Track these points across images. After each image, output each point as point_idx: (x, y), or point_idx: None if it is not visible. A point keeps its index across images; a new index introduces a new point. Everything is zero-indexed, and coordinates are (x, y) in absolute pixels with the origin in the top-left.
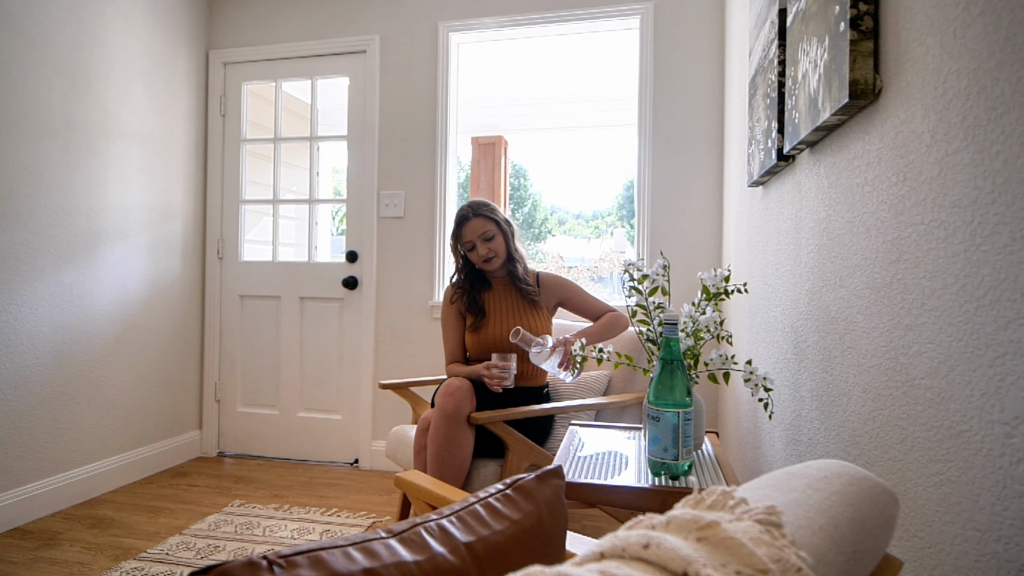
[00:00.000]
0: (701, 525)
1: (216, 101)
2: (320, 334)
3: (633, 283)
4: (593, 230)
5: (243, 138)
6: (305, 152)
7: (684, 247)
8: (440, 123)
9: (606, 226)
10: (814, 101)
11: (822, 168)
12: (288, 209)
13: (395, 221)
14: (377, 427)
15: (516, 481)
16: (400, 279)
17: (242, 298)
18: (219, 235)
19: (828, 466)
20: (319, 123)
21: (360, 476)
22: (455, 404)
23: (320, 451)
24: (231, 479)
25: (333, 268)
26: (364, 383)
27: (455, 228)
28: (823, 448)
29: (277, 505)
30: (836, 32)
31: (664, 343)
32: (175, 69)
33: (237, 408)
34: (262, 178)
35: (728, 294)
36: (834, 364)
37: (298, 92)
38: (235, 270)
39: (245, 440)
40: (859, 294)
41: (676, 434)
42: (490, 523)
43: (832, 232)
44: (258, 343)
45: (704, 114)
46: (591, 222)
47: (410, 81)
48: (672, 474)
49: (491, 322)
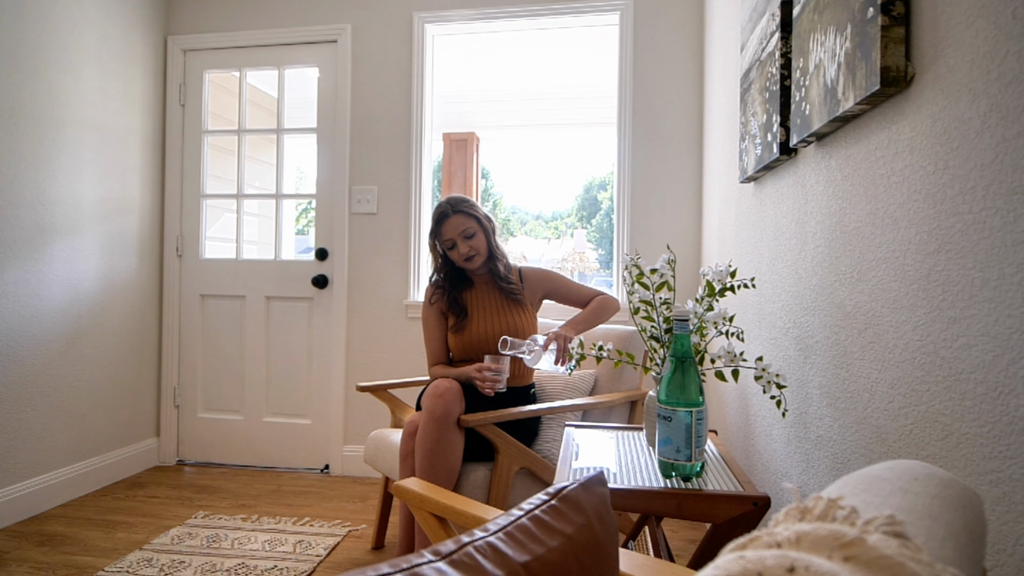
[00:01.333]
0: (845, 542)
1: (175, 90)
2: (288, 335)
3: (642, 278)
4: (553, 231)
5: (204, 129)
6: (269, 147)
7: (663, 244)
8: (415, 116)
9: (566, 227)
10: (831, 91)
11: (833, 161)
12: (250, 206)
13: (368, 217)
14: (349, 432)
15: (561, 491)
16: (373, 277)
17: (203, 298)
18: (178, 231)
19: (909, 467)
20: (285, 117)
21: (331, 483)
22: (445, 406)
23: (288, 458)
24: (193, 489)
25: (302, 266)
26: (335, 386)
27: (434, 225)
28: (837, 445)
29: (245, 515)
30: (862, 19)
31: (675, 340)
32: (131, 55)
33: (198, 414)
34: (223, 172)
35: (734, 289)
36: (851, 360)
37: (263, 84)
38: (196, 268)
39: (206, 448)
40: (885, 287)
41: (689, 434)
42: (543, 539)
43: (847, 225)
44: (221, 345)
45: (684, 111)
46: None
47: (384, 73)
48: (684, 475)
49: (474, 322)
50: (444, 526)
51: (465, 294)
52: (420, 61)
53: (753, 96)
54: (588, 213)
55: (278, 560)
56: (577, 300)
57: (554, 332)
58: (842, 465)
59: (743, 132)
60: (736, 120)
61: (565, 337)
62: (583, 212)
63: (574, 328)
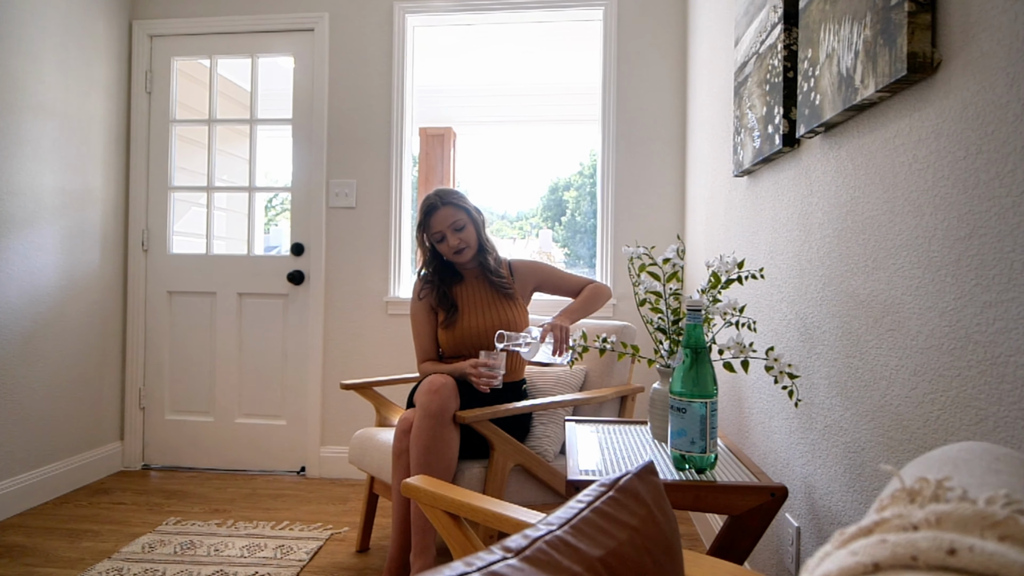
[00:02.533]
0: (994, 521)
1: (141, 77)
2: (262, 333)
3: (651, 267)
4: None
5: (172, 118)
6: (239, 140)
7: (646, 237)
8: (395, 108)
9: (531, 227)
10: (847, 80)
11: (843, 151)
12: (217, 200)
13: (346, 211)
14: (327, 432)
15: (617, 482)
16: (352, 273)
17: (171, 294)
18: (144, 225)
19: (985, 448)
20: (258, 108)
21: (309, 485)
22: (440, 403)
23: (262, 460)
24: (162, 494)
25: (276, 262)
26: (312, 385)
27: (422, 218)
28: (848, 434)
29: (219, 520)
30: (884, 6)
31: (688, 331)
32: (94, 39)
33: (165, 416)
34: (191, 164)
35: (741, 280)
36: (865, 349)
37: (234, 75)
38: (163, 263)
39: (174, 451)
40: (905, 274)
41: (704, 425)
42: (612, 532)
43: (860, 215)
44: (190, 344)
45: (667, 107)
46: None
47: (363, 63)
48: (698, 467)
49: (465, 317)
50: (458, 524)
51: (454, 289)
52: (401, 52)
53: (750, 89)
54: (554, 214)
55: (258, 566)
56: (568, 289)
57: (549, 323)
58: (855, 453)
59: (738, 126)
60: (729, 114)
61: (561, 327)
62: (548, 213)
63: (568, 317)
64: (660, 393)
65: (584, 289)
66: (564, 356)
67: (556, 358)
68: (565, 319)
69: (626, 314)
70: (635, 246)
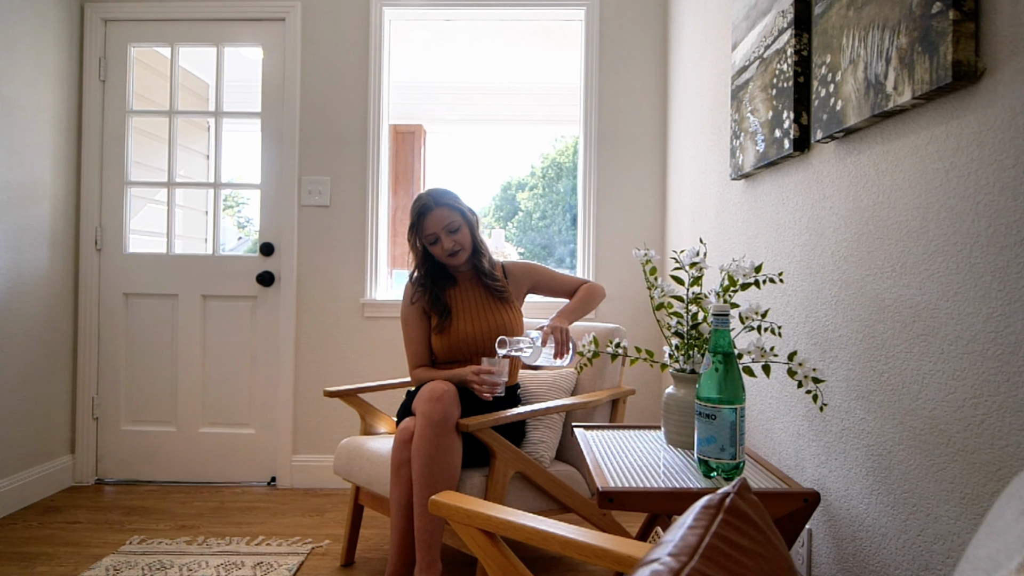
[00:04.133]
0: None
1: (94, 64)
2: (228, 337)
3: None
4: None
5: (129, 109)
6: (197, 135)
7: (627, 239)
8: (372, 104)
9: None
10: (876, 86)
11: (864, 156)
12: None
13: (320, 210)
14: (299, 440)
15: (722, 503)
16: (326, 274)
17: (127, 296)
18: (97, 222)
19: None
20: (224, 100)
21: (281, 496)
22: (443, 410)
23: (230, 471)
24: (121, 511)
25: (244, 262)
26: (283, 391)
27: (415, 219)
28: (872, 437)
29: (189, 538)
30: (924, 14)
31: (715, 336)
32: (42, 22)
33: (121, 426)
34: (148, 159)
35: (759, 284)
36: (892, 353)
37: (194, 67)
38: (118, 264)
39: (132, 463)
40: (941, 280)
41: (734, 432)
42: (742, 560)
43: (884, 219)
44: (149, 349)
45: (647, 109)
46: None
47: (337, 56)
48: (727, 474)
49: (459, 321)
50: (495, 543)
51: (448, 292)
52: (378, 45)
53: (752, 93)
54: (506, 213)
55: None
56: (563, 290)
57: (548, 325)
58: (880, 456)
59: (736, 129)
60: (724, 118)
61: (561, 328)
62: (500, 212)
63: (566, 318)
64: (676, 398)
65: (579, 289)
66: (566, 358)
67: (558, 361)
68: (563, 320)
69: (608, 315)
70: (642, 248)
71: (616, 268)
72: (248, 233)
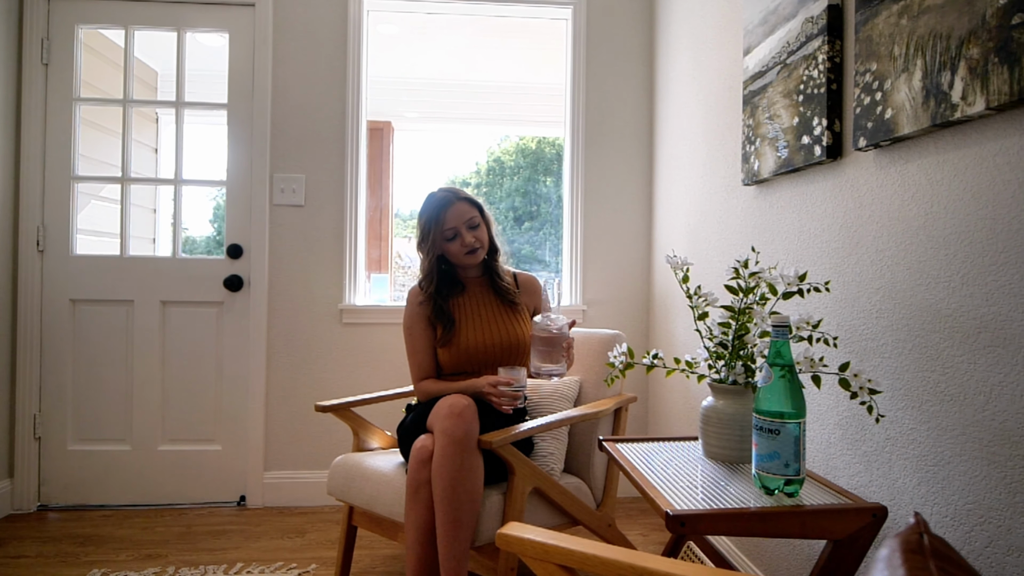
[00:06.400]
0: None
1: (35, 45)
2: (191, 346)
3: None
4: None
5: (76, 96)
6: (147, 127)
7: (613, 243)
8: (351, 97)
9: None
10: (940, 96)
11: (913, 166)
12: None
13: (294, 210)
14: (271, 456)
15: (920, 545)
16: (301, 278)
17: (75, 303)
18: (39, 220)
19: None
20: (185, 89)
21: (253, 517)
22: (466, 427)
23: (194, 491)
24: (73, 541)
25: (210, 265)
26: (253, 404)
27: (433, 213)
28: (924, 446)
29: (157, 568)
30: (1000, 25)
31: (777, 348)
32: None
33: (68, 446)
34: (94, 153)
35: (802, 293)
36: (950, 363)
37: (148, 56)
38: (64, 267)
39: (81, 487)
40: (1013, 292)
41: (798, 447)
42: None
43: (940, 230)
44: (100, 361)
45: (633, 112)
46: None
47: (314, 47)
48: (790, 491)
49: (466, 331)
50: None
51: (453, 301)
52: (356, 35)
53: (771, 99)
54: None
55: None
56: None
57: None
58: (937, 467)
59: (750, 135)
60: (735, 122)
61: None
62: None
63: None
64: (716, 410)
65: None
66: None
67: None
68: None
69: (595, 319)
70: (671, 254)
71: (602, 270)
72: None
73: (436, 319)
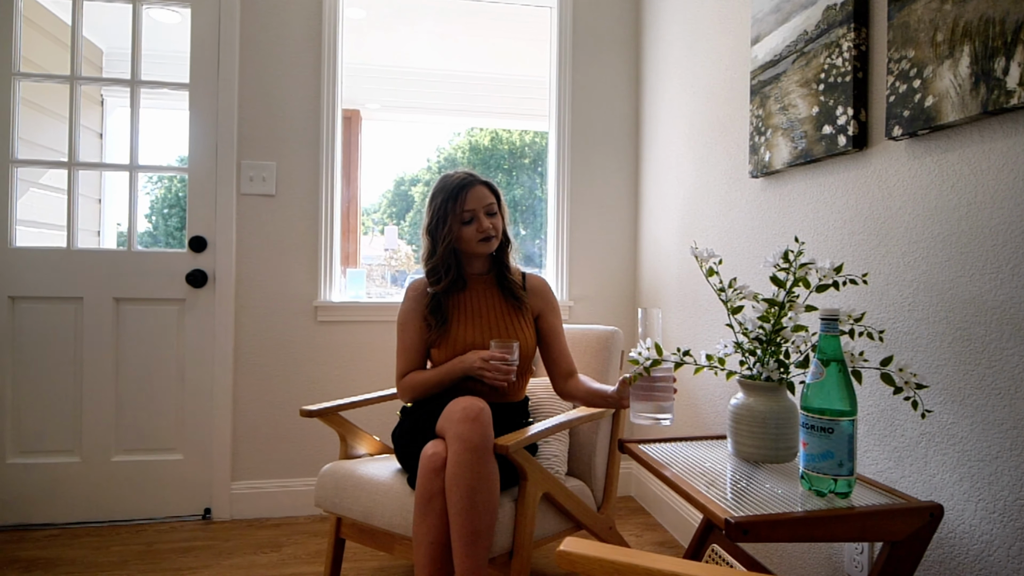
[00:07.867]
0: None
1: None
2: (149, 348)
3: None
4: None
5: (16, 71)
6: (92, 109)
7: (600, 239)
8: (326, 81)
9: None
10: (993, 82)
11: (954, 155)
12: (54, 181)
13: (263, 200)
14: (239, 465)
15: None
16: (272, 273)
17: (13, 300)
18: None
19: None
20: (141, 67)
21: (221, 531)
22: (482, 432)
23: (152, 505)
24: (18, 566)
25: (169, 259)
26: (219, 409)
27: (452, 192)
28: (967, 442)
29: None
30: None
31: (826, 342)
32: None
33: (6, 459)
34: (34, 136)
35: (837, 286)
36: (997, 356)
37: (94, 34)
38: (2, 260)
39: (22, 504)
40: None
41: (851, 446)
42: None
43: (984, 221)
44: (44, 364)
45: (619, 103)
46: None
47: (285, 24)
48: (844, 492)
49: (461, 328)
50: None
51: (455, 297)
52: (332, 14)
53: (785, 88)
54: (399, 209)
55: None
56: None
57: None
58: (983, 462)
59: (760, 125)
60: (742, 113)
61: None
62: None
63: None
64: (749, 407)
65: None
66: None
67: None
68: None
69: (582, 316)
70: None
71: (589, 266)
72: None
73: (432, 316)
